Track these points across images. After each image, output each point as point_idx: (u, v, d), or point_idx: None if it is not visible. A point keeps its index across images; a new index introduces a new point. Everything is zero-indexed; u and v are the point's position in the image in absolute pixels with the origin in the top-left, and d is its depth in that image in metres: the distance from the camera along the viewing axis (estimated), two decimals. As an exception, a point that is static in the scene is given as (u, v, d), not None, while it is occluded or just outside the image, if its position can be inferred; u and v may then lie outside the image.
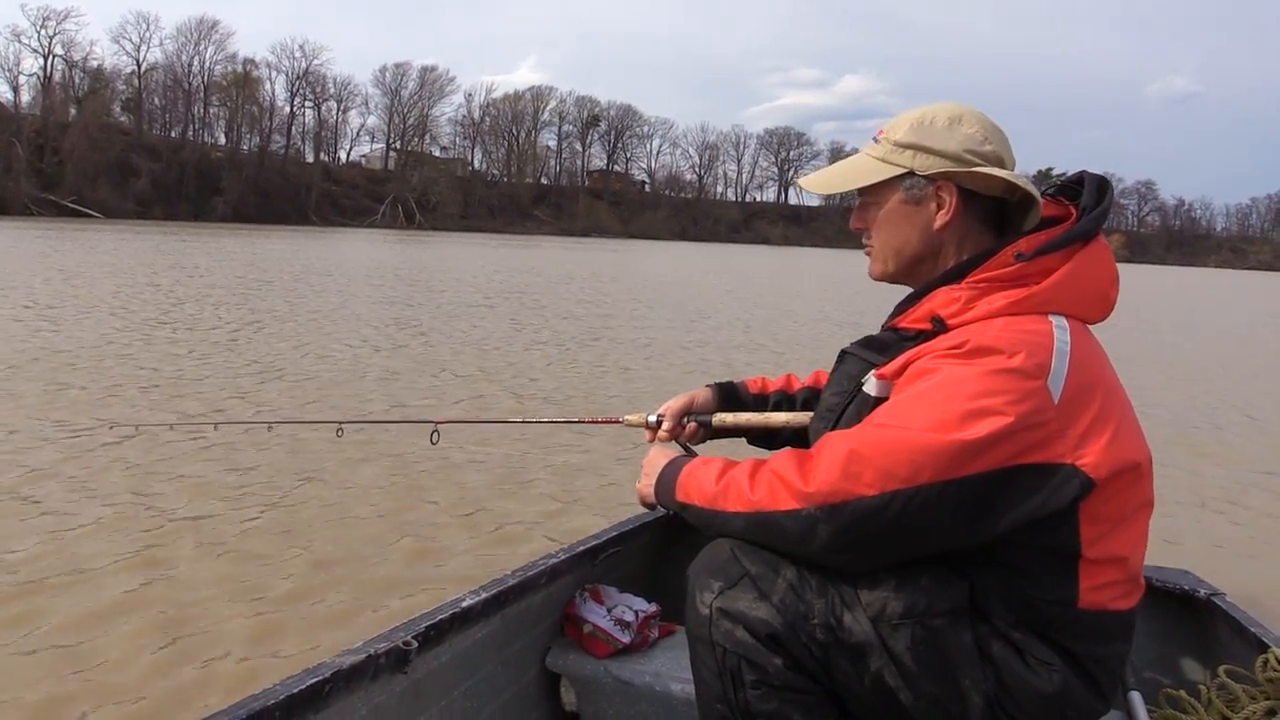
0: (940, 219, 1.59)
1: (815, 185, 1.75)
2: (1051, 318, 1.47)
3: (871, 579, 1.46)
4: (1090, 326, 1.54)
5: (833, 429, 1.63)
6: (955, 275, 1.56)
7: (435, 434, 2.32)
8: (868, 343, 1.67)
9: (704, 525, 1.62)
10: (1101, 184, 1.58)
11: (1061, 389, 1.39)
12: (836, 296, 24.24)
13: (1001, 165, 1.57)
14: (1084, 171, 1.62)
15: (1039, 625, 1.45)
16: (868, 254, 1.71)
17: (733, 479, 1.56)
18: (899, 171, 1.60)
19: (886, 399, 1.51)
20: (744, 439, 2.11)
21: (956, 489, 1.37)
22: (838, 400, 1.66)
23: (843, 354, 1.75)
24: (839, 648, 1.45)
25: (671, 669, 2.15)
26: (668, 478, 1.70)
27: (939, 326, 1.52)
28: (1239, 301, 35.96)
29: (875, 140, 1.66)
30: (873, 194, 1.66)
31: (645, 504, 1.81)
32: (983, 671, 1.43)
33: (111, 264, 21.87)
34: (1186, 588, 2.29)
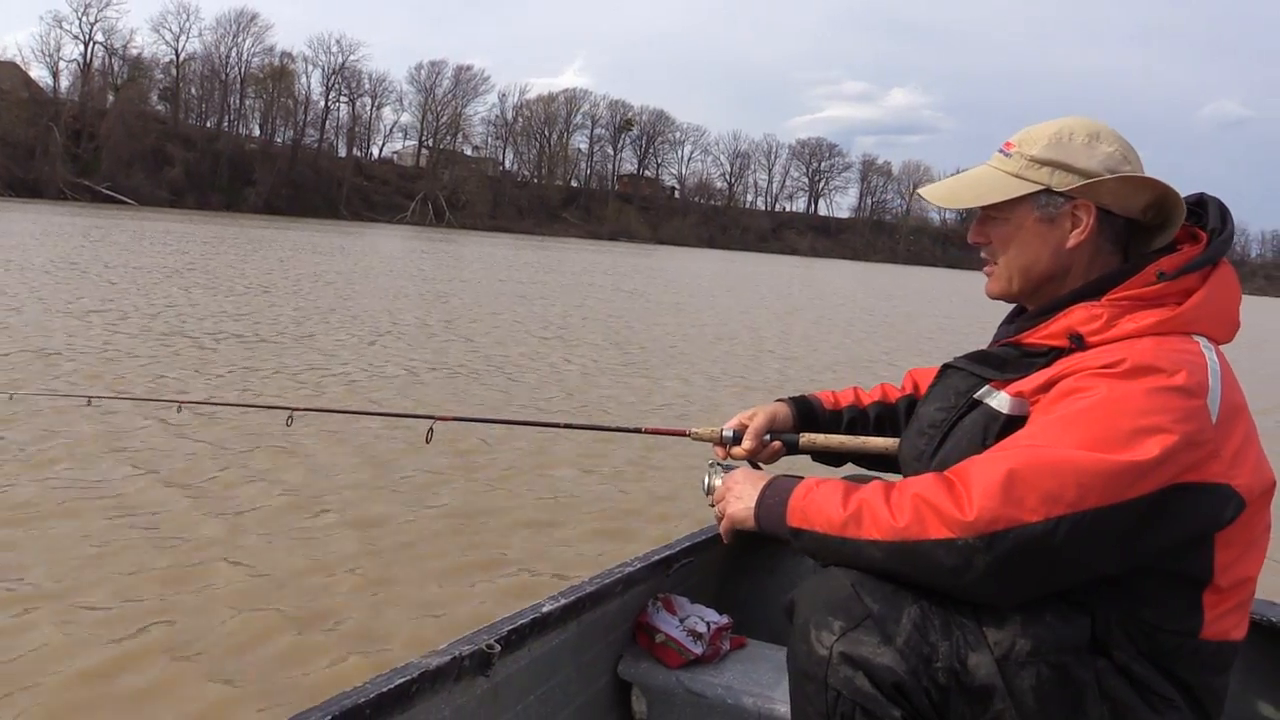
0: (1074, 238, 1.54)
1: (941, 199, 1.67)
2: (1196, 338, 1.44)
3: (997, 616, 1.39)
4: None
5: (938, 446, 1.59)
6: (1093, 292, 1.51)
7: (426, 431, 2.27)
8: (981, 358, 1.62)
9: (827, 554, 1.50)
10: (1223, 208, 1.56)
11: (1218, 409, 1.37)
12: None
13: None
14: (1203, 194, 1.59)
15: (1160, 658, 1.41)
16: (987, 271, 1.65)
17: (865, 504, 1.44)
18: (1035, 188, 1.55)
19: (1024, 417, 1.47)
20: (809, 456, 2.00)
21: (1124, 512, 1.32)
22: (943, 416, 1.61)
23: (945, 368, 1.70)
24: (960, 691, 1.38)
25: (743, 683, 2.12)
26: (772, 501, 1.57)
27: (1078, 344, 1.48)
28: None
29: (1004, 153, 1.60)
30: (1001, 210, 1.59)
31: (736, 528, 1.65)
32: (1101, 709, 1.38)
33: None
34: (1276, 620, 2.23)
